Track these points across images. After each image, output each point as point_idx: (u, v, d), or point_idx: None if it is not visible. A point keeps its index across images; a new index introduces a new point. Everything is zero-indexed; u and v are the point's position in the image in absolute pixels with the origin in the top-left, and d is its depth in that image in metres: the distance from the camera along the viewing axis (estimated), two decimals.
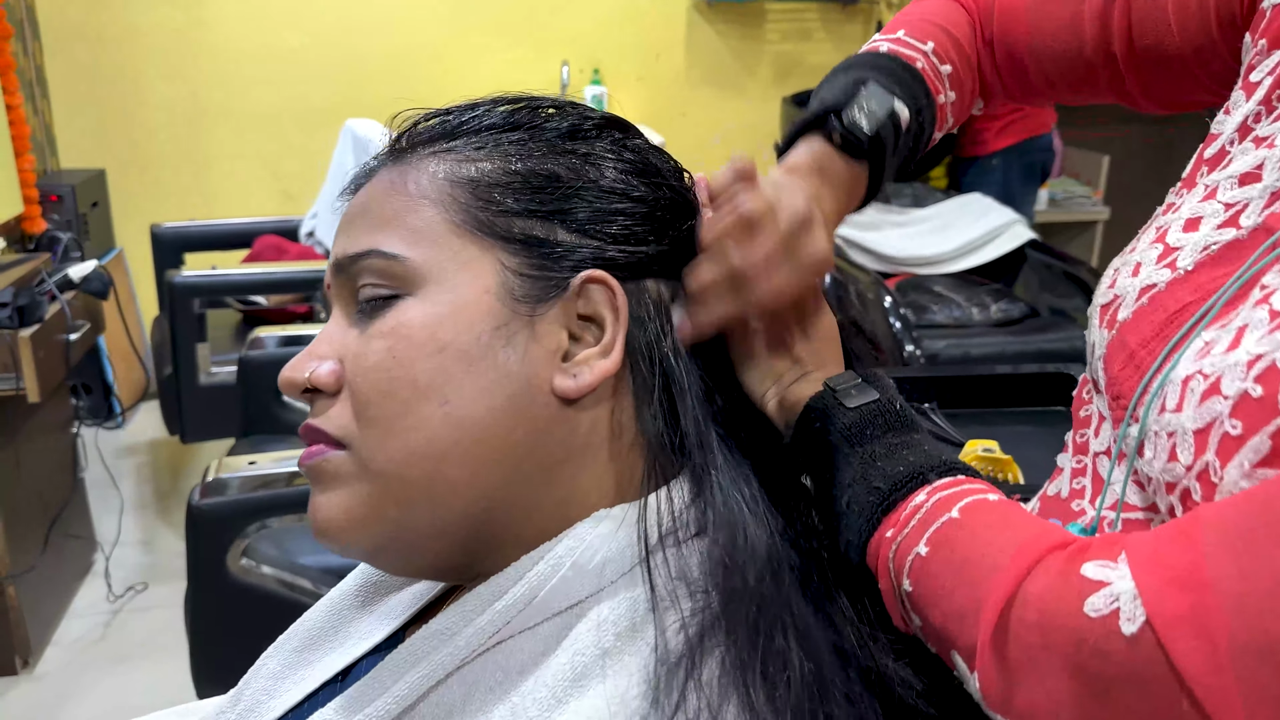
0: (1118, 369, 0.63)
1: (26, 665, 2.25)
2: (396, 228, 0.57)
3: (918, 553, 0.53)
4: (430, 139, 0.61)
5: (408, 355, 0.55)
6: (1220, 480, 0.51)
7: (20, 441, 2.26)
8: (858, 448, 0.59)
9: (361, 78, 3.51)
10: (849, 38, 3.84)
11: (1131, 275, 0.64)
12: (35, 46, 3.31)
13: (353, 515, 0.57)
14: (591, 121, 0.62)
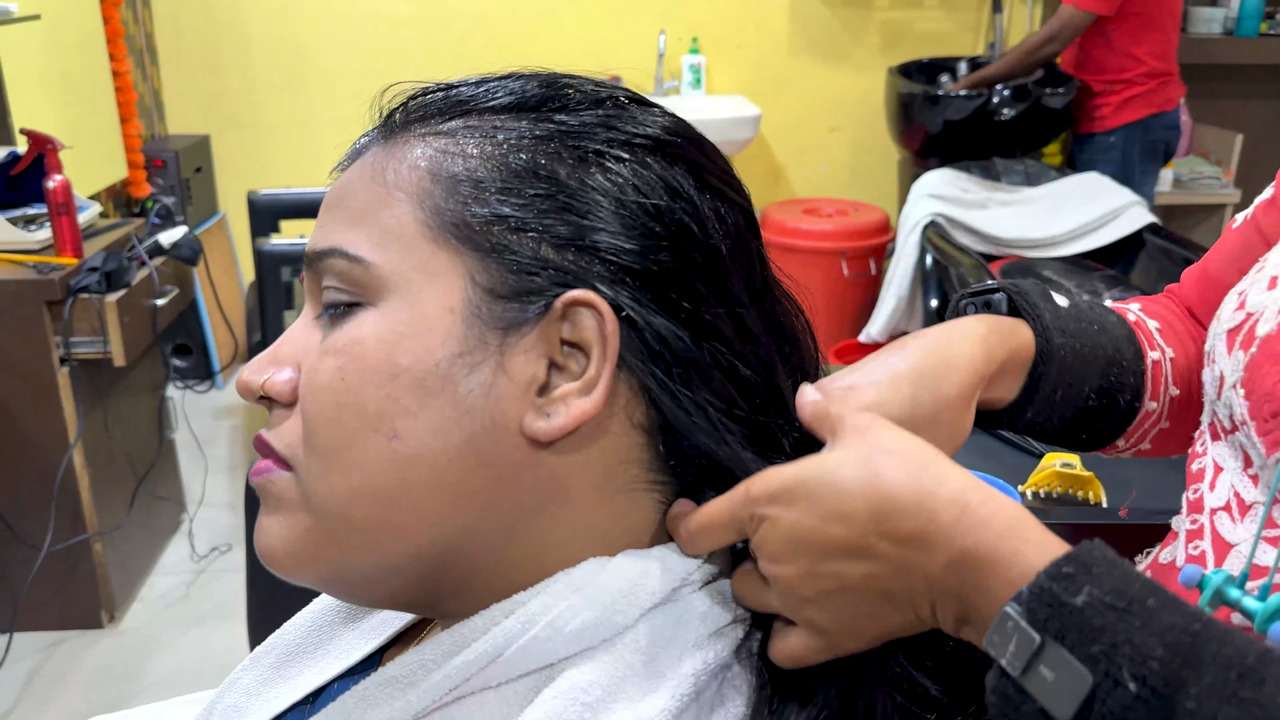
0: (1273, 382, 0.58)
1: (112, 619, 2.32)
2: (367, 225, 0.50)
3: None
4: (424, 117, 0.53)
5: (358, 379, 0.49)
6: None
7: (109, 403, 2.32)
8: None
9: (460, 45, 3.50)
10: (962, 6, 3.66)
11: (1267, 290, 0.61)
12: (145, 14, 3.39)
13: (291, 548, 0.51)
14: (620, 122, 0.52)
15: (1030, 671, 0.42)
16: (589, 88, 0.53)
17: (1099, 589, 0.42)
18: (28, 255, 2.15)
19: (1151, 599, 0.42)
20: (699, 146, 0.54)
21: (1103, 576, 0.43)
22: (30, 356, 2.09)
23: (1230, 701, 0.39)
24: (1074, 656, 0.41)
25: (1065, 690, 0.42)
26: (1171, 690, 0.40)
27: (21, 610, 2.21)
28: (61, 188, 2.14)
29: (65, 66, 2.78)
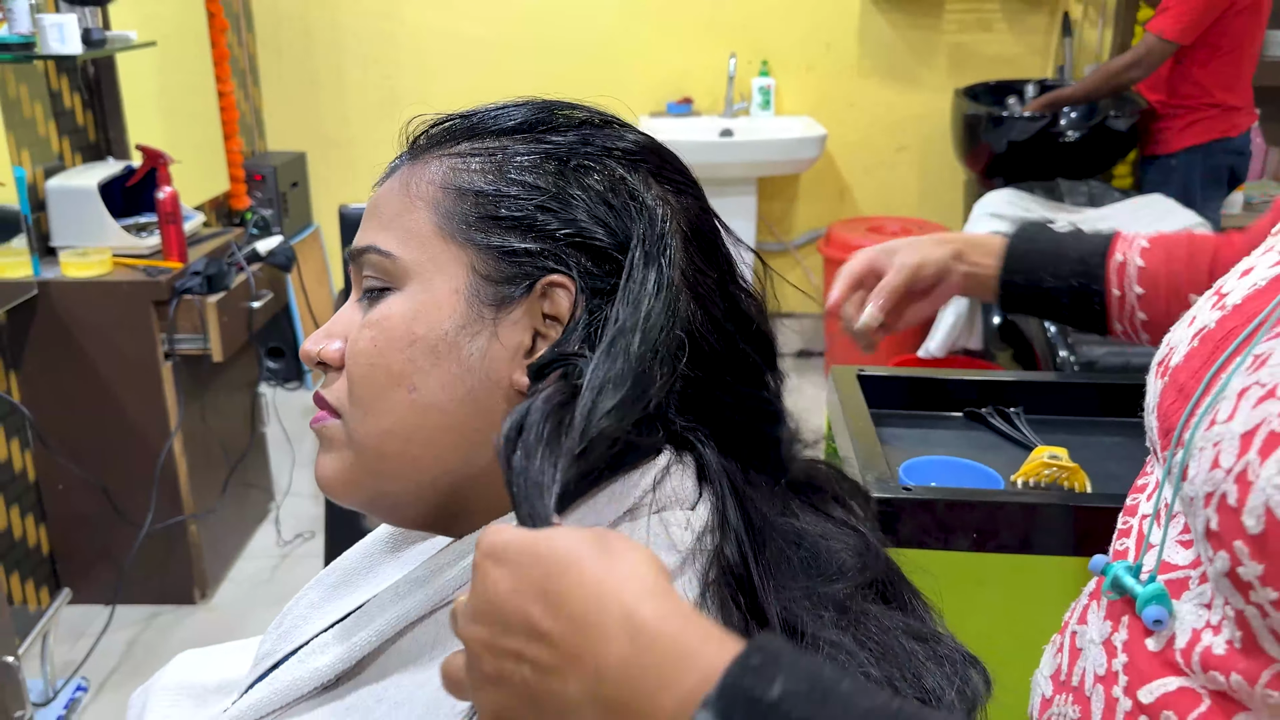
0: (1167, 405, 0.65)
1: (204, 597, 2.52)
2: (394, 227, 0.64)
3: None
4: (440, 141, 0.67)
5: (386, 345, 0.62)
6: (1256, 479, 0.52)
7: (207, 396, 2.52)
8: None
9: (540, 66, 3.66)
10: (1032, 29, 3.71)
11: (1186, 326, 0.67)
12: (249, 38, 3.64)
13: (340, 477, 0.65)
14: (597, 139, 0.65)
15: None
16: (576, 112, 0.67)
17: (793, 681, 0.40)
18: (139, 259, 2.36)
19: (844, 684, 0.41)
20: (657, 154, 0.67)
21: (792, 667, 0.41)
22: (138, 351, 2.30)
23: None
24: None
25: None
26: None
27: (123, 584, 2.41)
28: (170, 199, 2.35)
29: (176, 88, 3.02)
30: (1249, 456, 0.53)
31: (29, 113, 2.38)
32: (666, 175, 0.66)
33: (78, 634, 2.37)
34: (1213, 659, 0.57)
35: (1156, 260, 1.01)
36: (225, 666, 0.99)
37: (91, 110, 2.63)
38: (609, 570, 0.44)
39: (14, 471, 2.33)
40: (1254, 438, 0.53)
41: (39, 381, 2.32)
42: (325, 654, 0.66)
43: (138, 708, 1.02)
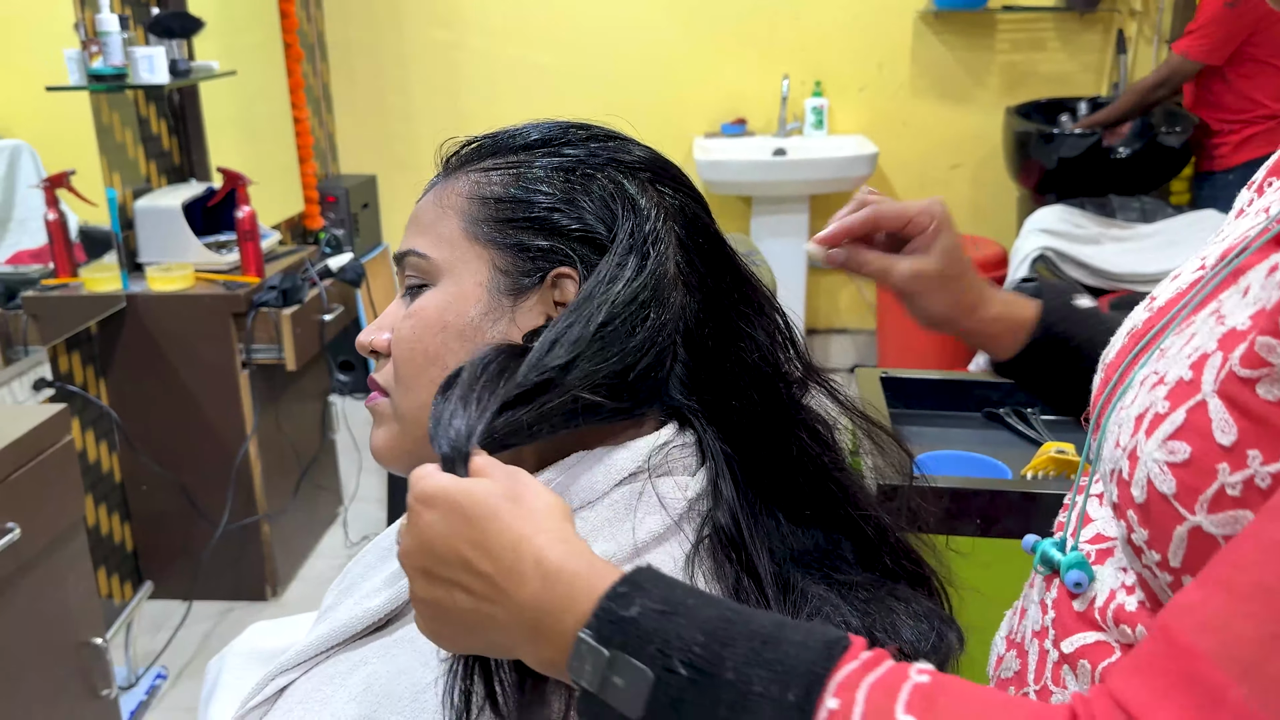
0: (1094, 395, 0.72)
1: (275, 594, 2.65)
2: (430, 233, 0.75)
3: None
4: (468, 159, 0.77)
5: (423, 332, 0.73)
6: (1141, 455, 0.58)
7: (280, 403, 2.66)
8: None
9: (602, 89, 3.79)
10: (1086, 47, 3.74)
11: (1124, 328, 0.73)
12: (323, 67, 3.82)
13: (389, 446, 0.76)
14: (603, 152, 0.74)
15: (606, 685, 0.49)
16: (585, 130, 0.76)
17: (649, 601, 0.50)
18: (219, 274, 2.52)
19: (692, 600, 0.51)
20: (657, 165, 0.76)
21: (652, 591, 0.51)
22: (217, 359, 2.45)
23: (758, 664, 0.48)
24: (636, 660, 0.49)
25: (634, 691, 0.49)
26: (713, 667, 0.48)
27: (200, 580, 2.56)
28: (249, 218, 2.50)
29: (254, 114, 3.20)
30: (1138, 435, 0.58)
31: (120, 138, 2.55)
32: (664, 182, 0.75)
33: (157, 626, 2.52)
34: (1124, 615, 0.63)
35: None
36: (292, 634, 1.11)
37: (176, 135, 2.81)
38: (524, 522, 0.55)
39: (102, 472, 2.50)
40: (1143, 419, 0.58)
41: (126, 388, 2.49)
42: (377, 597, 0.76)
43: (214, 673, 1.13)
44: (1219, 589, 0.44)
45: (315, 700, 0.70)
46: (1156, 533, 0.57)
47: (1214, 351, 0.56)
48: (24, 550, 1.59)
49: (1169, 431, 0.56)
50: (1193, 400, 0.55)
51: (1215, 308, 0.60)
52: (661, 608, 0.51)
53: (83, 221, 2.44)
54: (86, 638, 1.81)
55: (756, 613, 0.52)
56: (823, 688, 0.47)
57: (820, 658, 0.48)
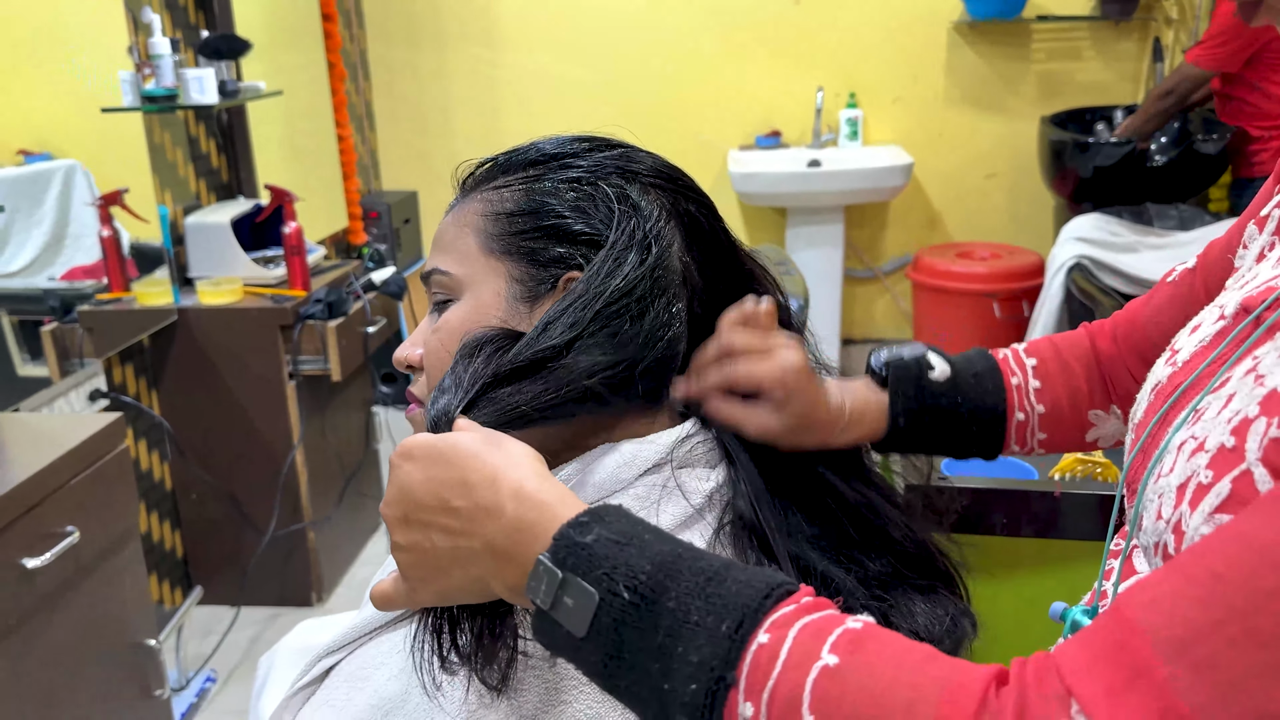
0: (1126, 454, 0.69)
1: (321, 600, 2.71)
2: (451, 251, 0.79)
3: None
4: (483, 180, 0.82)
5: (449, 343, 0.77)
6: (1187, 528, 0.54)
7: (326, 413, 2.73)
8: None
9: (636, 102, 3.84)
10: (1122, 56, 3.73)
11: (1148, 385, 0.70)
12: (365, 85, 3.91)
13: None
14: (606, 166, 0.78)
15: (557, 604, 0.53)
16: (591, 141, 0.81)
17: (606, 531, 0.54)
18: (267, 288, 2.59)
19: (649, 535, 0.54)
20: (661, 169, 0.80)
21: (611, 523, 0.55)
22: (265, 371, 2.52)
23: (699, 597, 0.51)
24: (585, 582, 0.52)
25: (581, 611, 0.52)
26: (656, 595, 0.51)
27: (248, 586, 2.63)
28: (295, 233, 2.57)
29: (300, 132, 3.29)
30: (1182, 508, 0.55)
31: (171, 157, 2.64)
32: (668, 186, 0.79)
33: (207, 630, 2.59)
34: None
35: (1050, 376, 0.90)
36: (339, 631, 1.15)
37: (225, 154, 2.89)
38: (501, 460, 0.59)
39: (153, 480, 2.57)
40: (1186, 489, 0.56)
41: (177, 399, 2.56)
42: None
43: (265, 668, 1.18)
44: (1175, 572, 0.45)
45: (359, 678, 0.74)
46: None
47: (1256, 416, 0.53)
48: (83, 553, 1.65)
49: (1215, 504, 0.53)
50: (1237, 470, 0.52)
51: (1252, 365, 0.57)
52: (616, 538, 0.54)
53: (134, 238, 2.52)
54: (141, 639, 1.87)
55: (709, 554, 0.54)
56: (756, 624, 0.49)
57: (759, 596, 0.50)
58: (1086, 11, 3.68)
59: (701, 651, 0.49)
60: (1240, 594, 0.41)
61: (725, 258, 0.80)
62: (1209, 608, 0.41)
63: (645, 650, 0.51)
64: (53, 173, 2.35)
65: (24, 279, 2.31)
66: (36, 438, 1.73)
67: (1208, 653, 0.40)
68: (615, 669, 0.52)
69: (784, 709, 0.47)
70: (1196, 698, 0.40)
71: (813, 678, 0.46)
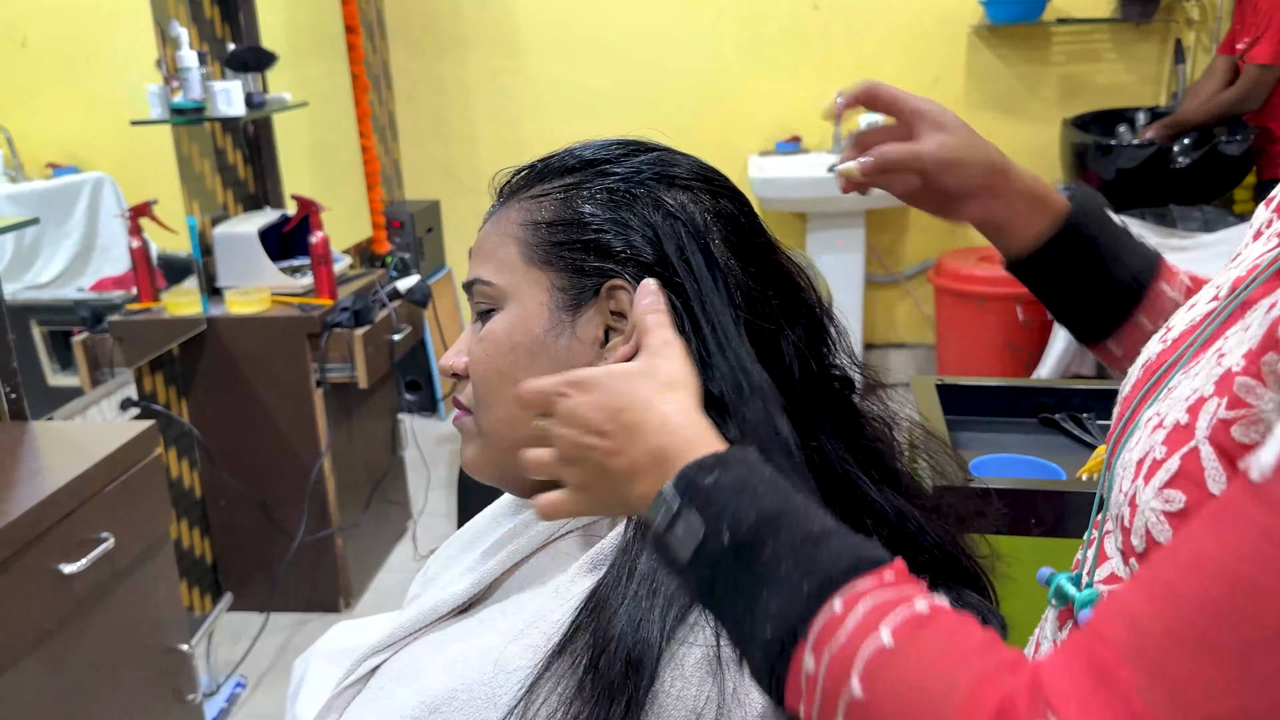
0: (1109, 433, 0.72)
1: (348, 605, 2.73)
2: (491, 260, 0.80)
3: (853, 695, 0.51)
4: (521, 186, 0.82)
5: (495, 353, 0.79)
6: (1140, 503, 0.58)
7: (353, 420, 2.75)
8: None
9: (657, 110, 3.86)
10: (1143, 58, 3.72)
11: (1140, 359, 0.72)
12: (388, 96, 3.94)
13: (476, 460, 0.82)
14: (645, 171, 0.79)
15: (670, 529, 0.59)
16: (628, 146, 0.81)
17: (726, 476, 0.58)
18: (294, 297, 2.62)
19: (763, 487, 0.58)
20: (701, 172, 0.80)
21: (733, 469, 0.59)
22: (293, 378, 2.55)
23: (792, 555, 0.54)
24: (697, 518, 0.57)
25: (688, 540, 0.57)
26: (755, 545, 0.55)
27: (277, 592, 2.65)
28: (321, 243, 2.60)
29: (324, 143, 3.32)
30: (1137, 482, 0.58)
31: (199, 168, 2.67)
32: (706, 188, 0.80)
33: (236, 637, 2.61)
34: None
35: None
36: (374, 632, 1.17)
37: (251, 165, 2.92)
38: (654, 390, 0.65)
39: (183, 487, 2.60)
40: (1143, 465, 0.58)
41: (206, 407, 2.59)
42: (462, 582, 0.81)
43: (299, 671, 1.20)
44: (1140, 586, 0.47)
45: (405, 676, 0.75)
46: None
47: (1210, 396, 0.55)
48: (117, 559, 1.67)
49: (1165, 479, 0.56)
50: (1186, 447, 0.55)
51: (1219, 346, 0.59)
52: (732, 485, 0.58)
53: (162, 249, 2.55)
54: (173, 644, 1.89)
55: (817, 514, 0.57)
56: (834, 591, 0.52)
57: (844, 568, 0.53)
58: (1107, 14, 3.67)
59: (781, 604, 0.53)
60: (1193, 607, 0.43)
61: (764, 256, 0.80)
62: (1169, 622, 0.43)
63: (735, 589, 0.56)
64: (81, 185, 2.38)
65: (54, 290, 2.34)
66: (70, 446, 1.76)
67: (1163, 659, 0.43)
68: (708, 596, 0.58)
69: (839, 672, 0.50)
70: (1153, 699, 0.42)
71: (868, 653, 0.50)
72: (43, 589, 1.52)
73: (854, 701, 0.49)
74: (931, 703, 0.47)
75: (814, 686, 0.51)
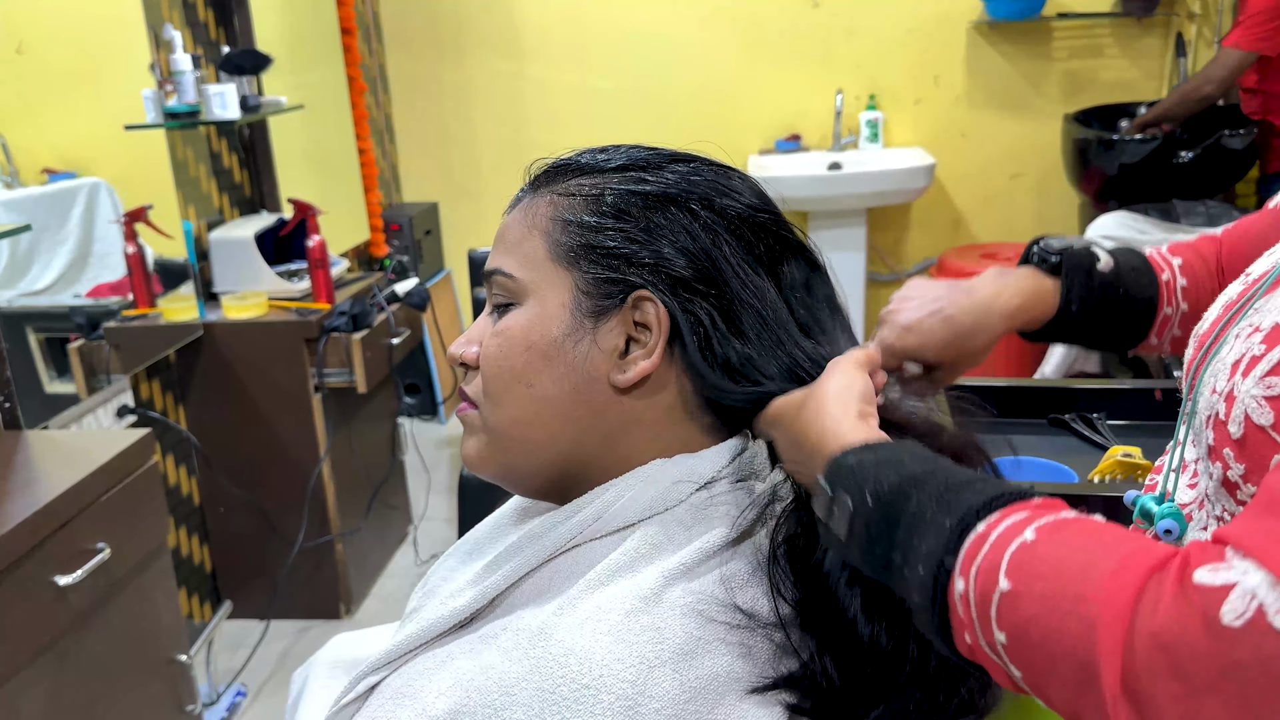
0: (1189, 359, 0.77)
1: (349, 612, 2.71)
2: (515, 253, 0.78)
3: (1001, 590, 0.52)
4: (554, 178, 0.80)
5: (510, 350, 0.76)
6: (1239, 394, 0.63)
7: (352, 425, 2.73)
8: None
9: (661, 112, 3.84)
10: (1145, 53, 3.69)
11: (1219, 302, 0.79)
12: (385, 98, 3.92)
13: (479, 455, 0.80)
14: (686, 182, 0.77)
15: (830, 514, 0.63)
16: (666, 155, 0.79)
17: (870, 455, 0.63)
18: (291, 301, 2.59)
19: (906, 458, 0.62)
20: (734, 188, 0.79)
21: (880, 450, 0.63)
22: (291, 384, 2.52)
23: (937, 501, 0.58)
24: (845, 493, 0.62)
25: (842, 518, 0.62)
26: (900, 500, 0.59)
27: (276, 599, 2.63)
28: (319, 247, 2.58)
29: (321, 146, 3.30)
30: (1234, 378, 0.63)
31: (194, 172, 2.65)
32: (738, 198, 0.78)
33: (236, 645, 2.59)
34: None
35: (1195, 275, 1.00)
36: (375, 644, 1.15)
37: (247, 169, 2.90)
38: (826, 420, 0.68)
39: (181, 495, 2.58)
40: (1240, 364, 0.64)
41: (203, 413, 2.57)
42: (462, 597, 0.79)
43: (299, 683, 1.17)
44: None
45: (405, 695, 0.73)
46: (1253, 464, 0.62)
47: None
48: (114, 570, 1.65)
49: (1266, 369, 0.61)
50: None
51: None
52: (876, 459, 0.62)
53: (158, 254, 2.53)
54: (172, 655, 1.87)
55: (961, 470, 0.61)
56: (978, 519, 0.55)
57: (986, 500, 0.56)
58: (1107, 8, 3.64)
59: (929, 542, 0.56)
60: None
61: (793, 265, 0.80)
62: None
63: (890, 543, 0.59)
64: (77, 190, 2.36)
65: (50, 297, 2.32)
66: (66, 455, 1.73)
67: None
68: (871, 559, 0.61)
69: (986, 577, 0.53)
70: None
71: (1011, 550, 0.52)
72: (38, 602, 1.49)
73: (1004, 595, 0.51)
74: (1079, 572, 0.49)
75: (968, 605, 0.54)
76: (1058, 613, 0.49)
